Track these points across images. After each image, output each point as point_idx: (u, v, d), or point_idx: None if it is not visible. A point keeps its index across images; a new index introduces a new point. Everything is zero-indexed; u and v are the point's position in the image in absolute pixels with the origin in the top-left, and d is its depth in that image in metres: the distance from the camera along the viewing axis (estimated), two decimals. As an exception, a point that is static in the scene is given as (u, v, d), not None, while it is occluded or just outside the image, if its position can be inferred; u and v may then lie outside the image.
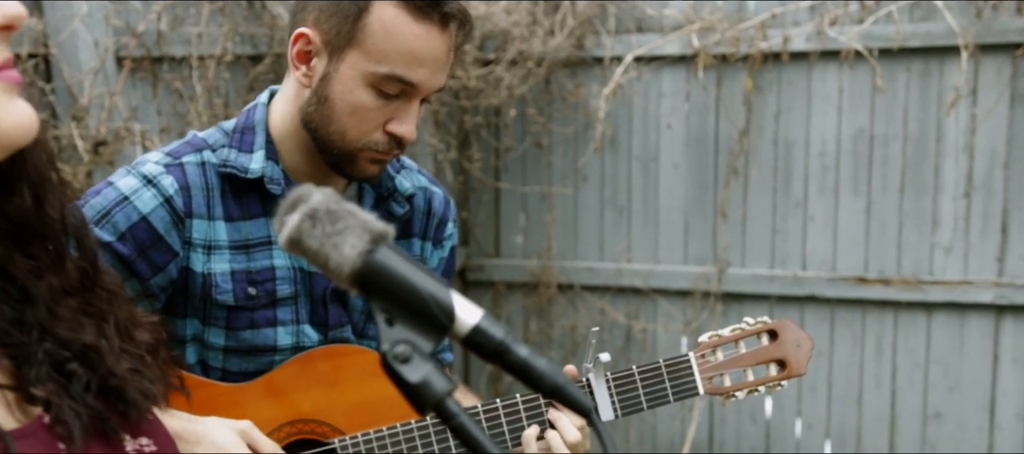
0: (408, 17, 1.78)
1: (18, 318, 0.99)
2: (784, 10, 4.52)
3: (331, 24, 1.80)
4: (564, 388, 1.00)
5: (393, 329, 0.98)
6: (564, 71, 4.87)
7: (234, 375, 1.91)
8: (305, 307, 1.94)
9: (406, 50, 1.79)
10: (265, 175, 1.87)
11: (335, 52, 1.81)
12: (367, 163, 1.87)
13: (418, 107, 1.85)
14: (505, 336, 0.99)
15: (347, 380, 1.94)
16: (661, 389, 2.01)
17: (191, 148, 1.90)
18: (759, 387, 2.04)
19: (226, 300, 1.86)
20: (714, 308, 4.76)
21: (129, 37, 3.48)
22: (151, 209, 1.82)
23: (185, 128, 3.69)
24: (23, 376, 0.97)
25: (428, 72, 1.81)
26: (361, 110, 1.81)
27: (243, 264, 1.88)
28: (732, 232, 4.74)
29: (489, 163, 5.07)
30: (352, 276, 0.97)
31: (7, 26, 0.91)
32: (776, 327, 2.07)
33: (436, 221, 2.12)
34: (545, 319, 5.07)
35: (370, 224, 0.98)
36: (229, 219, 1.87)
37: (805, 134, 4.59)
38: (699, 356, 2.03)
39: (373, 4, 1.78)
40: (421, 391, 0.95)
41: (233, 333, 1.89)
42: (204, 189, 1.86)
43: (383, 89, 1.80)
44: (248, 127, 1.92)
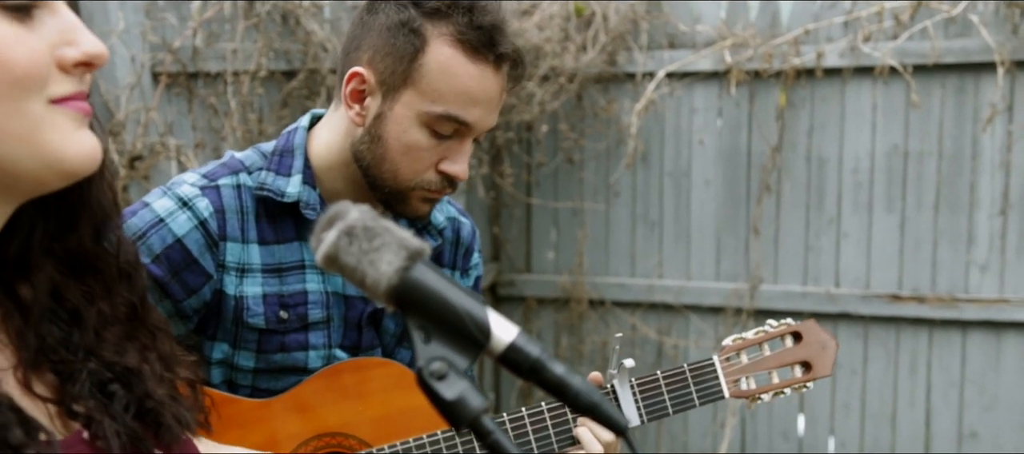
0: (464, 57, 1.78)
1: (66, 338, 1.01)
2: (818, 26, 4.50)
3: (386, 64, 1.80)
4: (599, 405, 0.99)
5: (429, 346, 0.98)
6: (596, 87, 4.87)
7: (262, 393, 1.92)
8: (338, 331, 1.94)
9: (462, 90, 1.79)
10: (301, 200, 1.87)
11: (390, 92, 1.81)
12: (418, 202, 1.87)
13: (470, 146, 1.85)
14: (541, 353, 0.99)
15: (372, 393, 1.94)
16: (686, 393, 2.00)
17: (228, 170, 1.90)
18: (784, 389, 2.03)
19: (257, 323, 1.87)
20: (746, 325, 4.73)
21: (165, 53, 3.51)
22: (186, 232, 1.82)
23: (219, 143, 3.72)
24: (66, 392, 0.99)
25: (482, 112, 1.82)
26: (415, 150, 1.82)
27: (275, 287, 1.88)
28: (764, 249, 4.72)
29: (521, 178, 5.08)
30: (388, 293, 0.97)
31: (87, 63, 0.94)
32: (800, 328, 2.06)
33: (463, 250, 2.13)
34: (576, 335, 5.06)
35: (406, 241, 0.98)
36: (263, 242, 1.88)
37: (838, 150, 4.57)
38: (723, 359, 2.02)
39: (429, 45, 1.78)
40: (457, 408, 0.96)
41: (263, 356, 1.89)
42: (239, 212, 1.87)
43: (437, 129, 1.81)
44: (287, 150, 1.92)
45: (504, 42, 1.80)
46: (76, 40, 0.93)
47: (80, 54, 0.93)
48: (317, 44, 4.01)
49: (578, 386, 0.99)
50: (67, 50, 0.93)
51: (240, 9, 3.78)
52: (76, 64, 0.93)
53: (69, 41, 0.93)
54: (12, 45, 0.88)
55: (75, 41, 0.93)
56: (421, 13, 1.79)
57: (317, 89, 4.05)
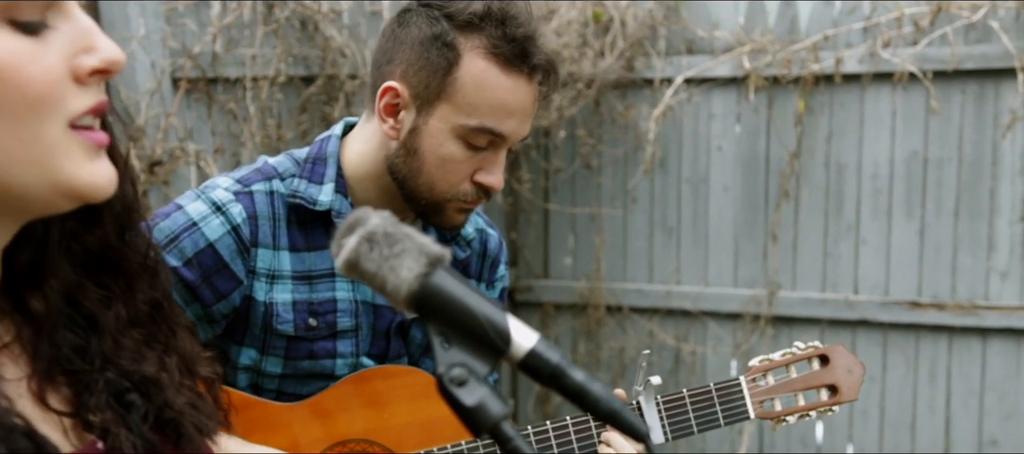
0: (498, 70, 1.78)
1: (82, 346, 1.00)
2: (837, 32, 4.49)
3: (420, 78, 1.80)
4: (619, 413, 0.99)
5: (449, 352, 0.98)
6: (614, 93, 4.86)
7: (287, 397, 1.92)
8: (366, 340, 1.94)
9: (496, 103, 1.79)
10: (333, 208, 1.87)
11: (424, 105, 1.81)
12: (454, 213, 1.88)
13: (504, 156, 1.86)
14: (561, 360, 0.99)
15: (398, 401, 1.94)
16: (712, 413, 2.00)
17: (261, 176, 1.90)
18: (810, 412, 2.03)
19: (286, 330, 1.87)
20: (764, 331, 4.72)
21: (185, 58, 3.53)
22: (218, 236, 1.82)
23: (238, 148, 3.74)
24: (81, 403, 0.98)
25: (516, 122, 1.82)
26: (450, 162, 1.82)
27: (305, 295, 1.88)
28: (783, 255, 4.70)
29: (538, 184, 5.08)
30: (409, 299, 0.97)
31: (105, 70, 0.91)
32: (827, 352, 2.06)
33: (490, 262, 2.13)
34: (594, 341, 5.06)
35: (427, 247, 0.98)
36: (294, 249, 1.88)
37: (858, 157, 4.55)
38: (750, 380, 2.01)
39: (463, 58, 1.78)
40: (477, 414, 0.95)
41: (291, 362, 1.89)
42: (271, 218, 1.87)
43: (472, 141, 1.81)
44: (320, 158, 1.92)
45: (537, 53, 1.81)
46: (93, 45, 0.90)
47: (97, 61, 0.90)
48: (335, 50, 4.03)
49: (598, 393, 0.99)
50: (83, 58, 0.89)
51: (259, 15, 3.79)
52: (93, 72, 0.90)
53: (85, 47, 0.90)
54: (26, 65, 0.85)
55: (92, 47, 0.90)
56: (454, 26, 1.79)
57: (335, 95, 4.06)
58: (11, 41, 0.85)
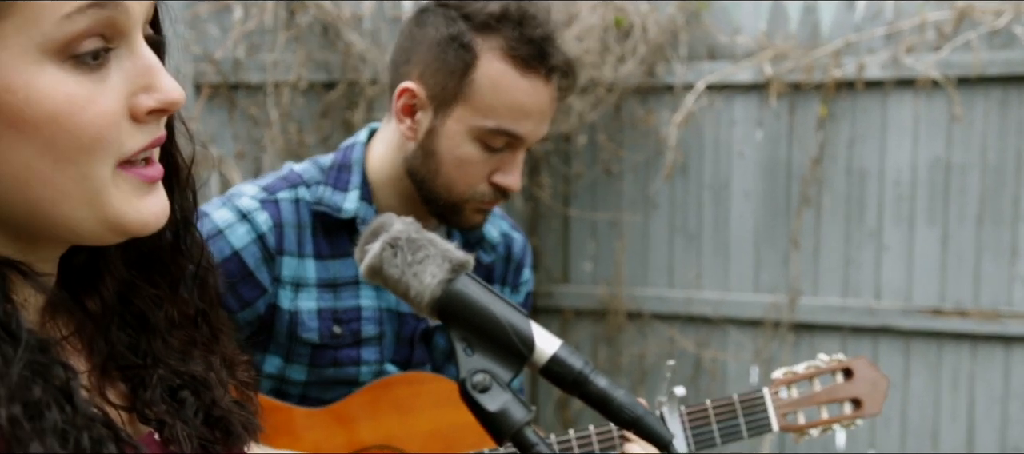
0: (515, 71, 1.78)
1: (133, 343, 1.02)
2: (859, 38, 4.47)
3: (437, 79, 1.80)
4: (642, 419, 0.99)
5: (472, 358, 0.98)
6: (635, 98, 4.86)
7: (311, 403, 1.92)
8: (390, 347, 1.94)
9: (513, 104, 1.79)
10: (358, 216, 1.87)
11: (441, 107, 1.81)
12: (472, 213, 1.88)
13: (522, 157, 1.85)
14: (584, 366, 0.99)
15: (422, 407, 1.94)
16: (735, 425, 1.99)
17: (286, 184, 1.90)
18: (834, 425, 2.02)
19: (311, 338, 1.87)
20: (785, 338, 4.70)
21: (207, 64, 3.55)
22: (244, 245, 1.83)
23: (259, 154, 3.75)
24: (137, 398, 1.00)
25: (534, 124, 1.82)
26: (467, 163, 1.82)
27: (330, 303, 1.88)
28: (804, 261, 4.68)
29: (558, 190, 5.07)
30: (432, 304, 0.97)
31: (163, 110, 0.91)
32: (851, 365, 2.05)
33: (514, 266, 2.13)
34: (614, 347, 5.05)
35: (450, 253, 0.98)
36: (319, 257, 1.88)
37: (879, 163, 4.53)
38: (773, 392, 2.01)
39: (480, 59, 1.78)
40: (500, 420, 0.96)
41: (316, 370, 1.89)
42: (296, 226, 1.87)
43: (489, 143, 1.81)
44: (345, 165, 1.92)
45: (555, 54, 1.80)
46: (153, 85, 0.90)
47: (155, 102, 0.90)
48: (356, 55, 4.04)
49: (621, 399, 0.99)
50: (142, 97, 0.89)
51: (281, 20, 3.81)
52: (150, 112, 0.90)
53: (145, 86, 0.89)
54: (82, 109, 0.85)
55: (152, 86, 0.90)
56: (471, 27, 1.79)
57: (356, 100, 4.07)
58: (70, 83, 0.85)
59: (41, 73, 0.84)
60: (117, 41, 0.88)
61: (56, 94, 0.84)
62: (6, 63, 0.83)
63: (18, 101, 0.83)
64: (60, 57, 0.85)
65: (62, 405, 0.86)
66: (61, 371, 0.88)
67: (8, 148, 0.85)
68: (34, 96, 0.84)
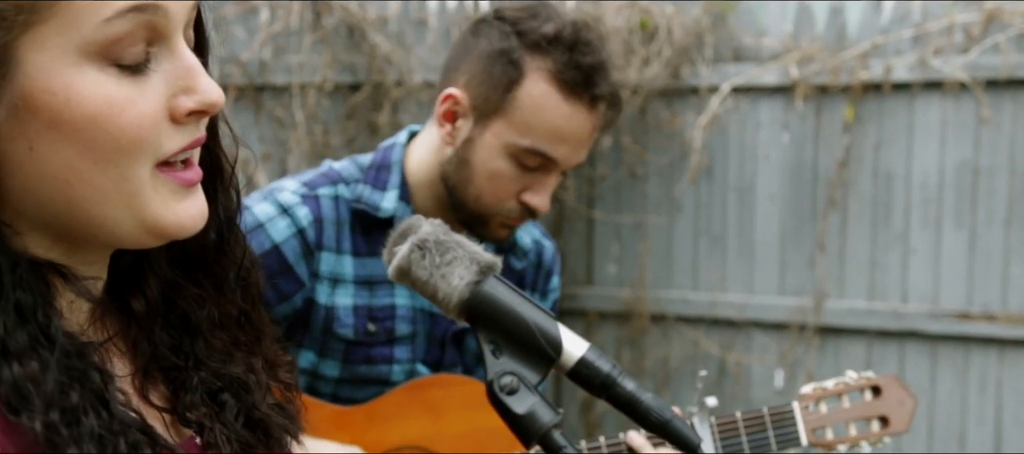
0: (559, 95, 1.78)
1: (176, 344, 1.02)
2: (886, 40, 4.44)
3: (481, 90, 1.81)
4: (671, 423, 0.98)
5: (499, 360, 0.98)
6: (660, 100, 4.84)
7: (343, 401, 1.93)
8: (422, 346, 1.95)
9: (552, 128, 1.79)
10: (396, 216, 1.88)
11: (481, 118, 1.82)
12: (497, 227, 1.89)
13: (555, 180, 1.85)
14: (612, 369, 0.98)
15: (453, 410, 1.95)
16: (764, 437, 1.99)
17: (327, 180, 1.92)
18: (861, 442, 2.04)
19: (346, 334, 1.88)
20: (810, 341, 4.68)
21: (233, 66, 3.56)
22: (284, 238, 1.84)
23: (285, 156, 3.76)
24: (178, 400, 1.00)
25: (569, 149, 1.82)
26: (499, 178, 1.83)
27: (365, 300, 1.89)
28: (830, 264, 4.66)
29: (583, 191, 5.07)
30: (460, 307, 0.97)
31: (203, 111, 0.91)
32: (880, 383, 2.07)
33: (544, 273, 2.14)
34: (638, 349, 5.04)
35: (478, 255, 0.98)
36: (356, 254, 1.89)
37: (906, 166, 4.50)
38: (803, 407, 2.01)
39: (526, 78, 1.78)
40: (527, 422, 0.95)
41: (349, 366, 1.91)
42: (335, 222, 1.88)
43: (523, 161, 1.81)
44: (384, 165, 1.93)
45: (602, 84, 1.80)
46: (193, 87, 0.89)
47: (194, 104, 0.90)
48: (382, 57, 4.05)
49: (649, 403, 0.98)
50: (182, 99, 0.89)
51: (307, 22, 3.82)
52: (190, 113, 0.90)
53: (186, 88, 0.89)
54: (122, 111, 0.85)
55: (192, 88, 0.89)
56: (523, 44, 1.79)
57: (381, 102, 4.08)
58: (109, 85, 0.85)
59: (81, 75, 0.84)
60: (157, 43, 0.89)
61: (96, 96, 0.85)
62: (46, 65, 0.83)
63: (58, 103, 0.84)
64: (100, 59, 0.85)
65: (99, 411, 0.86)
66: (98, 376, 0.88)
67: (49, 149, 0.85)
68: (74, 98, 0.84)
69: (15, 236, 0.88)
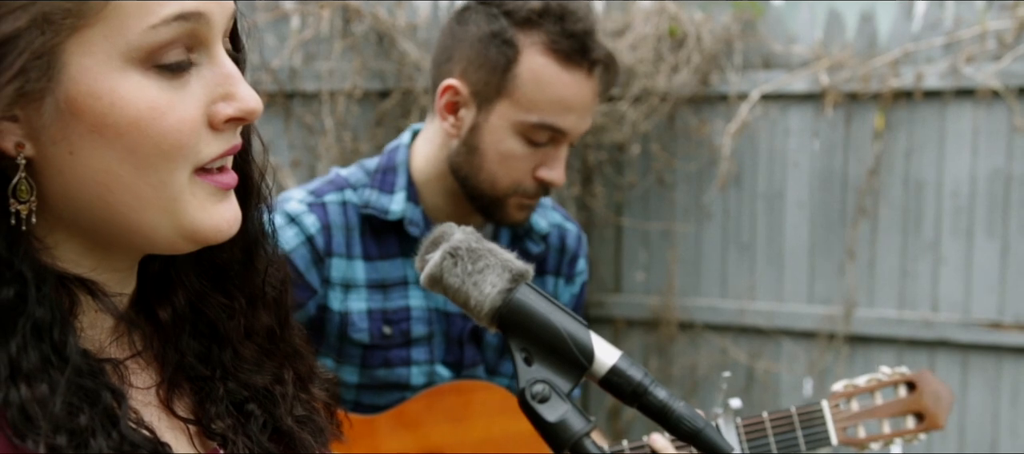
0: (557, 66, 1.79)
1: (204, 353, 1.02)
2: (917, 48, 4.42)
3: (479, 75, 1.82)
4: (702, 432, 0.98)
5: (531, 368, 0.98)
6: (688, 108, 4.83)
7: (365, 409, 1.93)
8: (440, 347, 1.95)
9: (556, 99, 1.80)
10: (405, 217, 1.89)
11: (484, 103, 1.83)
12: (515, 209, 1.89)
13: (566, 151, 1.86)
14: (644, 378, 0.98)
15: (475, 416, 1.95)
16: (792, 438, 1.97)
17: (333, 187, 1.93)
18: (896, 438, 1.99)
19: (361, 338, 1.89)
20: (840, 350, 4.65)
21: (264, 73, 3.58)
22: (293, 247, 1.85)
23: (315, 162, 3.78)
24: (204, 411, 1.00)
25: (577, 118, 1.83)
26: (511, 158, 1.83)
27: (379, 303, 1.90)
28: (860, 273, 4.63)
29: (612, 199, 5.06)
30: (492, 314, 0.97)
31: (241, 118, 0.92)
32: (914, 378, 2.02)
33: (568, 257, 2.13)
34: (665, 357, 5.02)
35: (511, 263, 0.98)
36: (367, 258, 1.90)
37: (937, 174, 4.47)
38: (833, 405, 1.98)
39: (522, 55, 1.79)
40: (559, 431, 0.95)
41: (367, 371, 1.91)
42: (344, 228, 1.89)
43: (533, 138, 1.82)
44: (390, 168, 1.94)
45: (597, 48, 1.81)
46: (232, 94, 0.91)
47: (234, 110, 0.91)
48: (411, 64, 4.06)
49: (681, 411, 0.98)
50: (221, 106, 0.91)
51: (337, 29, 3.84)
52: (228, 120, 0.91)
53: (224, 95, 0.91)
54: (163, 115, 0.87)
55: (231, 95, 0.91)
56: (512, 23, 1.81)
57: (410, 108, 4.10)
58: (152, 90, 0.87)
59: (125, 80, 0.86)
60: (198, 50, 0.90)
61: (139, 100, 0.86)
62: (91, 69, 0.85)
63: (102, 106, 0.85)
64: (144, 65, 0.86)
65: (109, 431, 0.86)
66: (109, 395, 0.88)
67: (90, 154, 0.86)
68: (118, 102, 0.85)
69: (45, 250, 0.88)
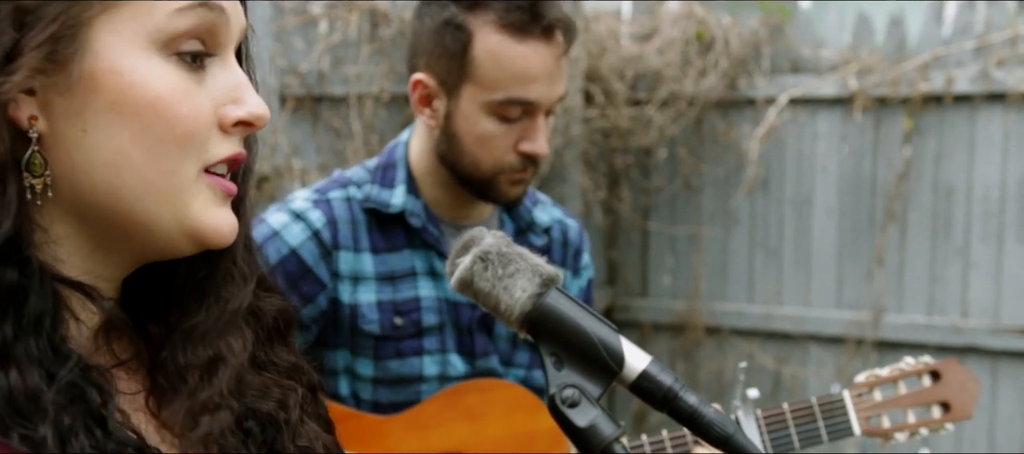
0: (511, 39, 1.82)
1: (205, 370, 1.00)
2: (947, 52, 4.39)
3: (441, 65, 1.86)
4: (733, 438, 0.98)
5: (561, 372, 0.98)
6: (716, 112, 4.82)
7: (384, 407, 1.95)
8: (452, 337, 1.97)
9: (517, 72, 1.83)
10: (406, 209, 1.93)
11: (451, 90, 1.87)
12: (507, 186, 1.91)
13: (544, 121, 1.88)
14: (674, 383, 0.98)
15: (492, 414, 1.96)
16: (813, 428, 1.95)
17: (337, 185, 1.98)
18: (921, 429, 1.95)
19: (372, 330, 1.91)
20: (868, 356, 4.62)
21: (292, 76, 3.60)
22: (300, 242, 1.89)
23: (343, 165, 3.79)
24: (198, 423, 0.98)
25: (543, 86, 1.84)
26: (488, 139, 1.86)
27: (389, 295, 1.93)
28: (888, 278, 4.60)
29: (638, 203, 5.05)
30: (522, 319, 0.97)
31: (249, 123, 0.94)
32: (939, 367, 1.98)
33: (572, 251, 2.16)
34: (692, 362, 5.01)
35: (540, 267, 0.98)
36: (375, 251, 1.94)
37: (967, 179, 4.44)
38: (855, 395, 1.96)
39: (475, 36, 1.83)
40: (589, 436, 0.95)
41: (380, 363, 1.93)
42: (350, 222, 1.93)
43: (505, 114, 1.85)
44: (390, 164, 1.99)
45: (548, 11, 1.83)
46: (242, 99, 0.93)
47: (243, 113, 0.93)
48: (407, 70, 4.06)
49: (711, 417, 0.98)
50: (231, 108, 0.93)
51: (364, 34, 3.85)
52: (236, 123, 0.93)
53: (235, 99, 0.93)
54: (181, 101, 0.89)
55: (240, 100, 0.93)
56: (461, 8, 1.85)
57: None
58: (173, 75, 0.89)
59: (147, 61, 0.88)
60: (214, 50, 0.92)
61: (160, 83, 0.88)
62: (116, 46, 0.87)
63: (123, 83, 0.87)
64: (165, 51, 0.89)
65: (93, 430, 0.86)
66: (96, 394, 0.88)
67: (104, 132, 0.88)
68: (139, 82, 0.87)
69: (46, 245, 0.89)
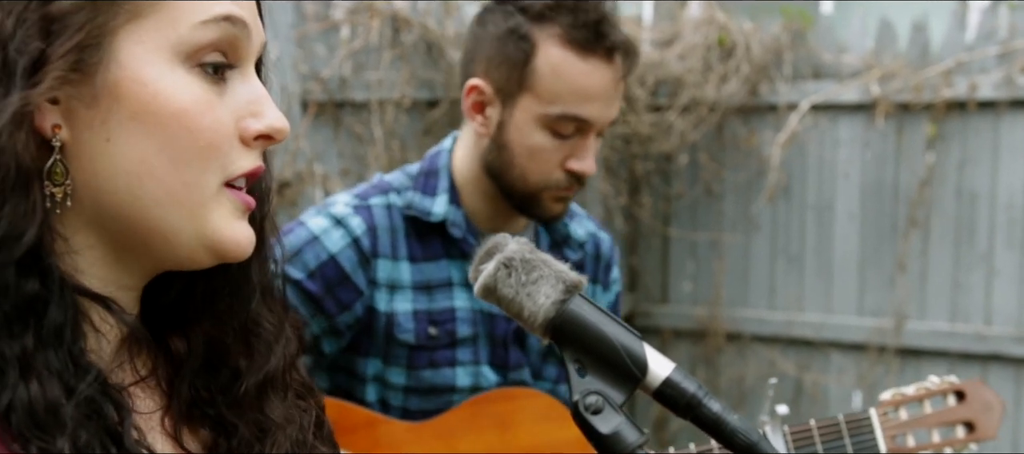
0: (574, 56, 1.82)
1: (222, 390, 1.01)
2: (971, 58, 4.36)
3: (500, 73, 1.85)
4: (757, 446, 0.97)
5: (585, 379, 0.98)
6: (737, 118, 4.81)
7: (414, 414, 1.95)
8: (485, 348, 1.97)
9: (576, 88, 1.83)
10: (447, 219, 1.92)
11: (507, 99, 1.86)
12: (551, 202, 1.91)
13: (595, 141, 1.88)
14: (697, 390, 0.97)
15: (520, 423, 1.95)
16: (840, 446, 1.95)
17: (378, 191, 1.97)
18: (945, 449, 1.96)
19: (407, 339, 1.91)
20: (890, 363, 4.59)
21: (314, 82, 3.61)
22: (339, 249, 1.88)
23: (364, 171, 3.80)
24: (217, 446, 1.00)
25: (600, 106, 1.85)
26: (539, 152, 1.86)
27: (425, 304, 1.93)
28: (911, 285, 4.57)
29: (659, 209, 5.05)
30: (545, 325, 0.97)
31: (269, 136, 0.95)
32: (964, 387, 2.00)
33: (603, 264, 2.16)
34: (712, 368, 4.99)
35: (564, 274, 0.98)
36: (412, 260, 1.93)
37: (991, 185, 4.41)
38: (882, 413, 1.96)
39: (538, 47, 1.83)
40: (612, 442, 0.95)
41: (414, 372, 1.93)
42: (389, 230, 1.92)
43: (558, 129, 1.85)
44: (432, 171, 1.97)
45: (612, 33, 1.84)
46: (261, 112, 0.94)
47: (263, 126, 0.93)
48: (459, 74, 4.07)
49: (735, 424, 0.97)
50: (251, 122, 0.93)
51: (386, 39, 3.86)
52: (257, 136, 0.93)
53: (254, 112, 0.93)
54: (203, 113, 0.89)
55: (260, 113, 0.94)
56: (528, 18, 1.85)
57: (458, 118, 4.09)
58: (196, 87, 0.89)
59: (171, 72, 0.88)
60: (235, 62, 0.93)
61: (184, 94, 0.88)
62: (140, 57, 0.87)
63: (147, 93, 0.87)
64: (188, 62, 0.89)
65: (108, 447, 0.86)
66: (113, 411, 0.88)
67: (127, 142, 0.88)
68: (163, 92, 0.88)
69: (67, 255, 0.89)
